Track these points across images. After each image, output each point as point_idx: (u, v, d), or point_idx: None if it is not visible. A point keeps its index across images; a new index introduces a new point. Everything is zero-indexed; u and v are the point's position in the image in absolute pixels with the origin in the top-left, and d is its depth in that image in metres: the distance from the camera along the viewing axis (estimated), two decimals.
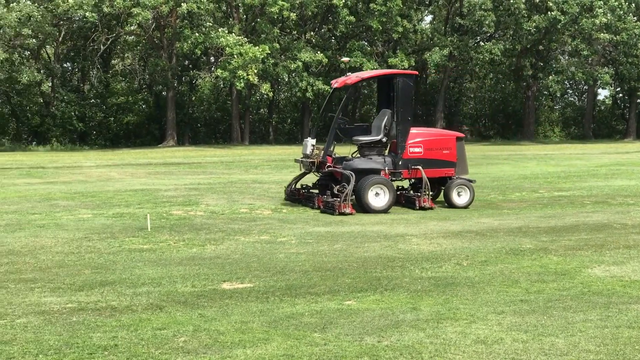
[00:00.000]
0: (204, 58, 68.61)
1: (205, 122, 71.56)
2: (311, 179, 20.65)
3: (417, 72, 26.93)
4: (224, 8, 66.59)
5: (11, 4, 57.52)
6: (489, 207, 19.48)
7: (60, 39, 64.31)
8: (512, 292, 9.68)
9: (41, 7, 58.79)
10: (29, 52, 65.36)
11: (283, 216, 17.59)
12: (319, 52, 61.77)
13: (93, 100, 68.02)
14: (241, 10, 65.05)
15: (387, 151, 19.86)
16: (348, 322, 8.25)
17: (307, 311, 8.74)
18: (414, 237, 14.26)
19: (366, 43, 67.60)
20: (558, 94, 72.44)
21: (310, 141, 19.88)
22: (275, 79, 65.35)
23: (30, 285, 10.10)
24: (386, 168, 19.02)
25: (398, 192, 19.81)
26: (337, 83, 20.73)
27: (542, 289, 9.86)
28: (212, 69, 64.86)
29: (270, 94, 63.87)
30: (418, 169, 19.05)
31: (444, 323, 8.23)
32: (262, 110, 76.14)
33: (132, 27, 60.66)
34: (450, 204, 19.24)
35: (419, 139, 19.50)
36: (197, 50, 58.30)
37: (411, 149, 19.27)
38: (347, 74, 21.98)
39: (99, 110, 66.59)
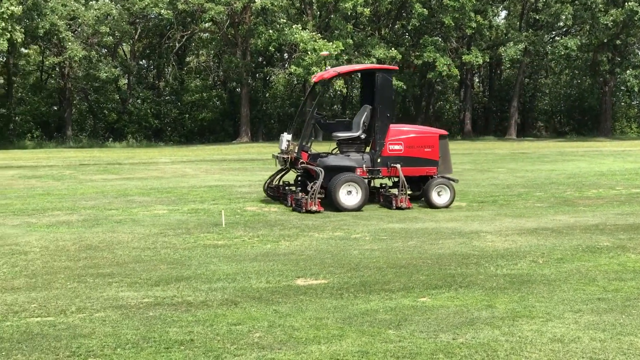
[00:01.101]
0: (278, 54, 68.94)
1: (279, 119, 71.83)
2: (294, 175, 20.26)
3: (397, 68, 26.43)
4: (297, 4, 66.77)
5: (90, 2, 58.43)
6: (565, 204, 19.23)
7: (137, 36, 65.12)
8: (589, 291, 9.56)
9: (118, 5, 59.66)
10: (105, 50, 66.28)
11: (357, 212, 17.57)
12: (392, 49, 61.58)
13: (168, 97, 68.83)
14: (315, 7, 65.13)
15: (369, 148, 19.40)
16: (423, 319, 8.22)
17: (382, 308, 8.73)
18: (488, 234, 14.15)
19: (440, 39, 67.20)
20: (636, 89, 71.11)
21: (286, 136, 19.49)
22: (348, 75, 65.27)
23: (108, 280, 10.24)
24: (364, 165, 18.65)
25: (381, 190, 19.49)
26: (315, 77, 20.45)
27: (620, 288, 9.72)
28: (286, 65, 65.15)
29: (344, 90, 63.86)
30: (396, 167, 18.69)
31: (520, 321, 8.15)
32: (335, 106, 76.16)
33: (206, 25, 61.18)
34: (429, 204, 18.69)
35: (399, 136, 18.99)
36: (271, 46, 58.53)
37: (391, 147, 18.80)
38: (326, 68, 21.64)
39: (174, 107, 67.31)
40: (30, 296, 9.32)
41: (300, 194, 18.26)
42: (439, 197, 18.70)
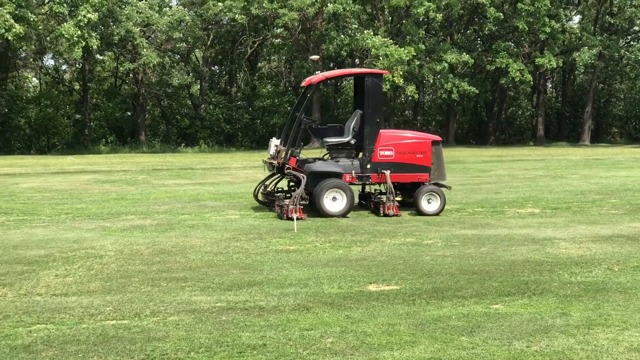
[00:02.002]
0: (349, 60, 69.00)
1: None
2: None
3: (387, 72, 25.86)
4: (369, 10, 66.79)
5: (163, 9, 59.14)
6: None
7: (209, 42, 65.66)
8: None
9: (191, 11, 60.26)
10: (179, 56, 66.96)
11: (429, 218, 17.48)
12: (464, 54, 61.30)
13: (240, 102, 69.29)
14: (386, 12, 65.09)
15: (361, 154, 18.89)
16: (496, 326, 8.15)
17: (454, 314, 8.67)
18: (562, 241, 13.99)
19: (512, 44, 66.72)
20: None
21: (274, 142, 19.27)
22: (420, 81, 65.16)
23: (181, 284, 10.32)
24: (353, 171, 18.32)
25: (371, 196, 19.16)
26: (304, 82, 20.22)
27: None
28: None
29: (416, 96, 63.72)
30: (385, 172, 18.26)
31: (595, 329, 8.04)
32: (407, 112, 76.06)
33: (278, 30, 61.46)
34: (419, 211, 18.17)
35: (390, 141, 18.59)
36: (342, 52, 58.61)
37: (381, 152, 18.38)
38: (316, 72, 21.38)
39: (246, 112, 67.74)
40: (105, 299, 9.44)
41: (284, 200, 18.18)
42: (429, 204, 18.23)
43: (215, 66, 72.04)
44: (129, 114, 67.83)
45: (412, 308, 8.99)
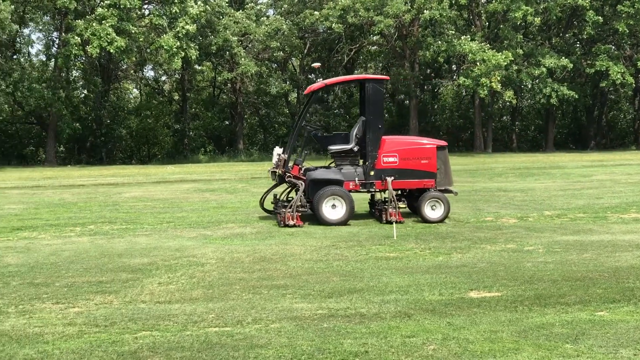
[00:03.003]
0: (446, 66, 68.71)
1: (447, 130, 71.61)
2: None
3: (388, 77, 25.36)
4: (465, 15, 66.41)
5: (261, 18, 59.76)
6: None
7: (306, 51, 66.04)
8: None
9: (288, 20, 60.74)
10: (276, 65, 67.49)
11: (529, 224, 17.29)
12: (563, 58, 60.48)
13: (337, 110, 69.46)
14: (483, 17, 64.62)
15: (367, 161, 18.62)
16: (601, 334, 8.01)
17: (558, 321, 8.56)
18: None
19: (613, 47, 65.60)
20: None
21: (277, 150, 19.14)
22: (518, 86, 64.49)
23: (282, 292, 10.38)
24: (356, 179, 18.13)
25: (376, 204, 18.93)
26: (306, 90, 19.94)
27: None
28: (455, 76, 64.88)
29: (514, 101, 63.06)
30: (387, 179, 17.97)
31: None
32: (504, 117, 75.36)
33: (374, 37, 61.53)
34: (423, 219, 17.87)
35: (394, 148, 18.29)
36: (439, 58, 58.37)
37: (385, 159, 18.13)
38: (319, 80, 21.08)
39: (343, 119, 67.90)
40: (208, 307, 9.55)
41: (283, 208, 18.06)
42: (433, 211, 17.95)
43: (312, 74, 72.46)
44: (227, 123, 68.60)
45: (514, 315, 8.90)
